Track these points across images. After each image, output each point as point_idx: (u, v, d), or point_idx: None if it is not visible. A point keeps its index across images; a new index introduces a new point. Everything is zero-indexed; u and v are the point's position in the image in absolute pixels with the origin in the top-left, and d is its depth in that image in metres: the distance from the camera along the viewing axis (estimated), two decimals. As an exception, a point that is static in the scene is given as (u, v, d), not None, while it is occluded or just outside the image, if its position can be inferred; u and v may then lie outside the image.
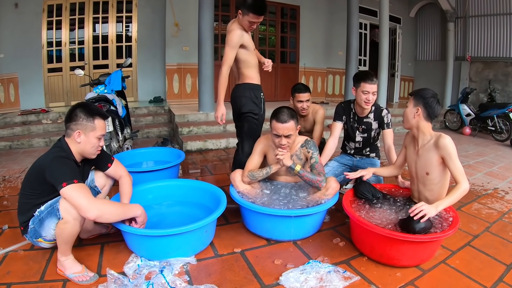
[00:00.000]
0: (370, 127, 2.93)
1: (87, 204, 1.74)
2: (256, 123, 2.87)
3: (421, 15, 10.28)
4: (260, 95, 2.85)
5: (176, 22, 6.96)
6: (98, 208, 1.77)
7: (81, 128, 1.94)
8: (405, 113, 2.25)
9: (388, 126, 2.90)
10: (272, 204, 2.37)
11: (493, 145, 6.13)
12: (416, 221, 1.93)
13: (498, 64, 8.42)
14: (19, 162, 4.30)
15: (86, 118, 1.95)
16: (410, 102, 2.22)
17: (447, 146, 2.05)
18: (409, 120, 2.23)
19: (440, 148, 2.08)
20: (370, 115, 2.89)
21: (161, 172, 3.13)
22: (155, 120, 6.49)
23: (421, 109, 2.16)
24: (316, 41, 8.72)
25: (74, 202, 1.75)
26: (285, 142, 2.40)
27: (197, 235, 2.08)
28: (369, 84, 2.74)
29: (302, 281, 1.85)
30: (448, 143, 2.05)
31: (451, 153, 2.05)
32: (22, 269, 1.95)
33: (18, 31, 6.23)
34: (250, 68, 2.82)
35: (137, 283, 1.78)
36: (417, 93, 2.21)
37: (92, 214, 1.75)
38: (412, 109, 2.20)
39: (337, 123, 3.02)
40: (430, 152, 2.15)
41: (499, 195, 3.45)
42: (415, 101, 2.19)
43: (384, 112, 2.89)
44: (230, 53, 2.66)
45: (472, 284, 1.91)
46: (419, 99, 2.17)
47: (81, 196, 1.75)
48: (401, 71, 10.05)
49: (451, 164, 2.06)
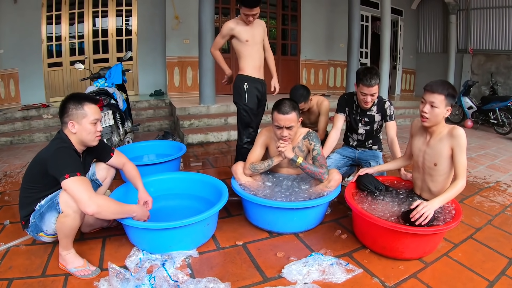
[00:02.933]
0: (373, 119, 2.90)
1: (87, 198, 1.73)
2: (243, 113, 3.08)
3: (423, 7, 10.18)
4: (243, 85, 3.02)
5: (177, 15, 6.91)
6: (97, 204, 1.76)
7: (72, 118, 1.94)
8: (436, 114, 2.05)
9: (391, 118, 2.86)
10: (274, 197, 2.37)
11: (495, 138, 6.10)
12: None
13: (500, 56, 8.35)
14: (20, 157, 4.29)
15: (75, 107, 1.94)
16: (442, 102, 2.03)
17: (461, 137, 2.01)
18: (438, 120, 2.09)
19: (454, 137, 2.03)
20: (373, 107, 2.86)
21: (162, 165, 3.13)
22: (156, 114, 6.47)
23: (451, 108, 2.09)
24: (317, 33, 8.65)
25: (74, 195, 1.74)
26: (287, 134, 2.38)
27: (199, 228, 2.07)
28: (367, 87, 2.64)
29: (305, 273, 1.84)
30: (462, 134, 2.02)
31: (462, 145, 2.02)
32: (24, 264, 1.95)
33: (17, 26, 6.19)
34: (242, 58, 3.06)
35: (139, 276, 1.78)
36: (449, 92, 2.03)
37: (91, 209, 1.74)
38: (444, 110, 2.06)
39: (339, 115, 2.99)
40: (442, 142, 2.10)
41: (501, 188, 3.43)
42: (448, 101, 2.05)
43: (387, 104, 2.85)
44: (219, 39, 3.09)
45: (475, 277, 1.91)
46: (451, 98, 2.05)
47: (82, 190, 1.74)
48: (403, 64, 9.99)
49: (459, 156, 2.03)
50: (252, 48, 3.02)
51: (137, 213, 2.00)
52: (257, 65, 3.07)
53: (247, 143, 3.13)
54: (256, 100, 3.10)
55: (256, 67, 3.07)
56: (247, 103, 3.04)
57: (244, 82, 3.02)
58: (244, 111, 3.07)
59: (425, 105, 2.09)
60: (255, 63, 3.06)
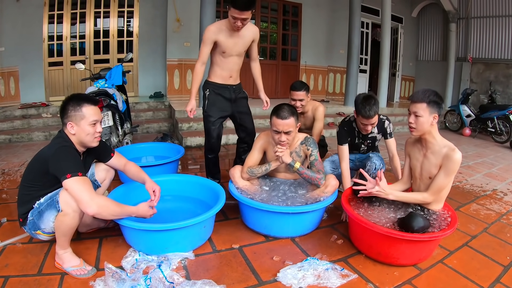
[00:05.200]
0: (374, 139, 2.97)
1: (88, 199, 1.75)
2: (204, 120, 2.94)
3: (423, 15, 10.25)
4: (206, 91, 2.90)
5: (178, 18, 6.93)
6: (98, 205, 1.78)
7: (71, 119, 1.95)
8: (420, 123, 2.07)
9: (391, 136, 2.91)
10: (271, 201, 2.38)
11: (493, 147, 6.13)
12: (414, 220, 1.94)
13: (499, 65, 8.40)
14: (19, 156, 4.29)
15: (74, 108, 1.95)
16: (424, 110, 2.05)
17: (454, 162, 2.00)
18: (424, 128, 2.09)
19: (448, 159, 2.03)
20: (374, 129, 2.89)
21: (160, 167, 3.13)
22: (155, 115, 6.48)
23: (437, 115, 2.08)
24: (318, 39, 8.69)
25: (75, 195, 1.75)
26: (285, 139, 2.40)
27: (196, 230, 2.08)
28: (366, 118, 2.60)
29: (300, 278, 1.85)
30: (457, 159, 2.00)
31: (451, 169, 2.03)
32: (20, 262, 1.95)
33: (19, 25, 6.19)
34: (211, 64, 2.90)
35: (134, 277, 1.78)
36: (430, 100, 2.05)
37: (91, 209, 1.75)
38: (429, 117, 2.06)
39: (343, 147, 2.84)
40: (437, 159, 2.10)
41: (498, 196, 3.45)
42: (431, 109, 2.05)
43: (386, 123, 2.89)
44: (203, 48, 2.74)
45: (469, 284, 1.92)
46: (434, 105, 2.05)
47: (84, 190, 1.76)
48: (402, 71, 10.04)
49: (442, 176, 2.06)
50: (225, 59, 2.81)
51: (138, 214, 2.01)
52: (225, 75, 2.88)
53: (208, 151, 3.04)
54: (220, 107, 2.92)
55: (224, 76, 2.88)
56: (207, 110, 2.91)
57: (206, 88, 2.90)
58: (205, 118, 2.93)
59: (410, 115, 2.12)
60: (223, 73, 2.87)
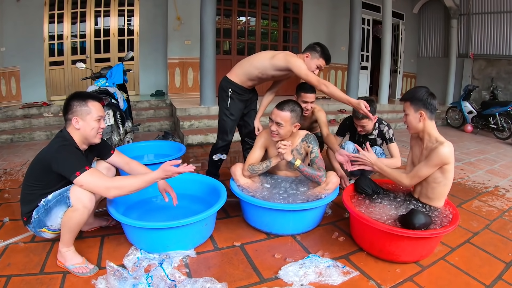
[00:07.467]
0: (374, 142, 3.07)
1: (106, 185, 1.80)
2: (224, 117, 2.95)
3: (424, 12, 10.21)
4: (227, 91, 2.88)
5: (178, 16, 6.93)
6: (116, 187, 1.83)
7: (77, 114, 1.96)
8: (409, 121, 2.16)
9: (391, 141, 3.02)
10: (272, 198, 2.37)
11: (495, 143, 6.11)
12: (416, 217, 1.93)
13: (501, 61, 8.37)
14: (20, 155, 4.30)
15: (80, 104, 1.97)
16: (409, 108, 2.14)
17: (437, 153, 2.02)
18: (414, 126, 2.15)
19: (433, 150, 2.06)
20: (374, 131, 2.99)
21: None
22: (157, 114, 6.48)
23: (424, 111, 2.10)
24: (319, 36, 8.60)
25: (92, 188, 1.79)
26: (274, 129, 2.44)
27: (197, 228, 2.08)
28: (356, 119, 2.95)
29: (301, 275, 1.85)
30: (441, 152, 2.01)
31: (432, 160, 2.05)
32: (23, 261, 1.96)
33: (20, 24, 6.20)
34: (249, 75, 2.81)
35: (136, 275, 1.79)
36: (412, 97, 2.13)
37: (112, 193, 1.82)
38: (415, 115, 2.12)
39: (338, 138, 3.21)
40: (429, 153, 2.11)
41: (499, 193, 3.44)
42: (414, 106, 2.11)
43: (385, 129, 3.02)
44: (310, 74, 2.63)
45: (471, 281, 1.92)
46: (418, 102, 2.10)
47: (97, 180, 1.80)
48: (404, 67, 10.01)
49: (422, 164, 2.12)
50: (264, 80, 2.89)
51: (161, 176, 1.93)
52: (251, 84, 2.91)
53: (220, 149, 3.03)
54: (241, 108, 2.97)
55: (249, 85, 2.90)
56: (229, 108, 2.91)
57: (229, 87, 2.87)
58: (225, 116, 2.94)
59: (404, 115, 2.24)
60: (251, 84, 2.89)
